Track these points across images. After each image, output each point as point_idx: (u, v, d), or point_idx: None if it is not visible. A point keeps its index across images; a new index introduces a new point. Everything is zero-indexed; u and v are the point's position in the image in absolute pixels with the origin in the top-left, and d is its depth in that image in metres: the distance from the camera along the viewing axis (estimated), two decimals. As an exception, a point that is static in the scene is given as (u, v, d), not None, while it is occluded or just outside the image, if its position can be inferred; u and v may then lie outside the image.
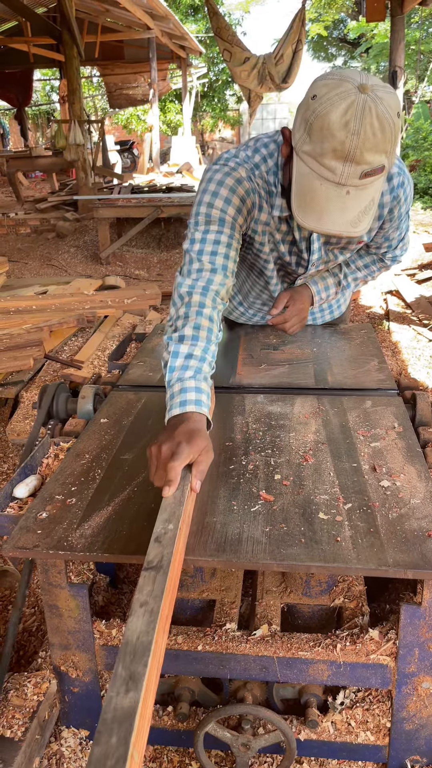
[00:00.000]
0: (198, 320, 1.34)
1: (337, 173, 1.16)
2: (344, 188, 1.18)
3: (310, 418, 1.48)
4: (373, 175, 1.17)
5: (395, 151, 1.19)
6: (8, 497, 1.27)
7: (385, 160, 1.17)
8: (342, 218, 1.21)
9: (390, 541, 1.05)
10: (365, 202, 1.20)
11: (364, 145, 1.13)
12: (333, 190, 1.18)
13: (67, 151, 8.53)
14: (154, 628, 0.78)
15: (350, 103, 1.12)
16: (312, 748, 1.32)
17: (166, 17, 10.76)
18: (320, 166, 1.18)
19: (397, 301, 4.99)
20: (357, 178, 1.16)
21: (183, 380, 1.24)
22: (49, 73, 19.55)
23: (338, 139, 1.13)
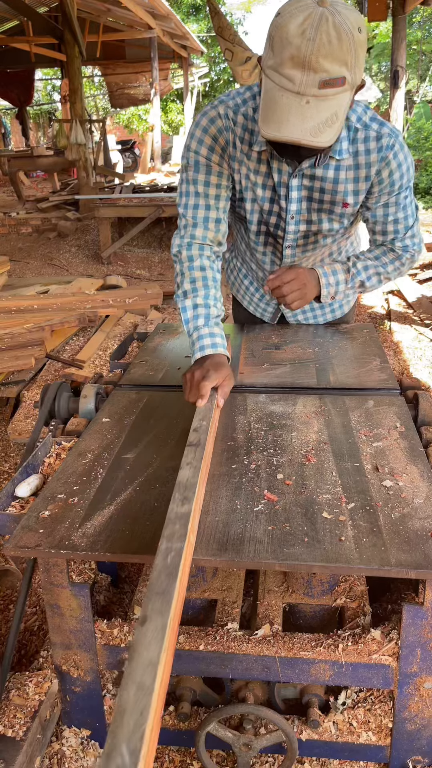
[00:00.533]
0: (192, 274, 1.54)
1: (296, 82, 1.18)
2: (304, 98, 1.20)
3: (312, 417, 1.48)
4: (334, 86, 1.19)
5: (358, 66, 1.22)
6: (10, 496, 1.27)
7: (345, 72, 1.19)
8: (301, 126, 1.22)
9: (392, 541, 1.04)
10: (326, 114, 1.22)
11: (319, 51, 1.15)
12: (293, 99, 1.20)
13: (69, 151, 8.53)
14: (197, 476, 1.09)
15: (308, 14, 1.17)
16: (313, 748, 1.32)
17: (168, 17, 10.77)
18: (281, 77, 1.20)
19: (398, 300, 4.99)
20: (316, 87, 1.18)
21: (198, 329, 1.51)
22: (50, 73, 19.56)
23: (294, 45, 1.16)
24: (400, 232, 1.64)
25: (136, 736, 0.62)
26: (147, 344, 2.02)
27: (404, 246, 1.68)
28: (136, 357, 1.91)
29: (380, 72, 17.10)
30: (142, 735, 0.62)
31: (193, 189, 1.55)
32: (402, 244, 1.67)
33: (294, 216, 1.61)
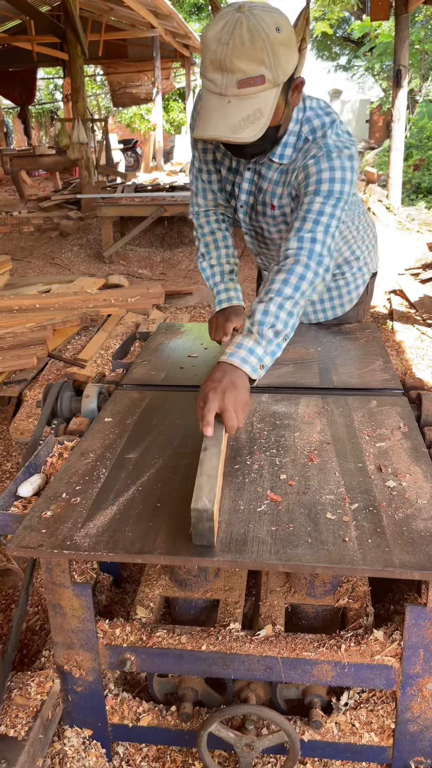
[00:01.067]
0: (204, 239, 1.80)
1: (218, 84, 1.28)
2: (225, 98, 1.29)
3: (314, 417, 1.47)
4: (252, 84, 1.27)
5: (279, 64, 1.28)
6: (12, 496, 1.26)
7: (264, 71, 1.27)
8: (223, 124, 1.30)
9: (396, 542, 1.04)
10: (248, 111, 1.29)
11: (233, 53, 1.24)
12: (216, 100, 1.30)
13: (71, 150, 8.52)
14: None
15: (226, 21, 1.27)
16: (316, 748, 1.32)
17: (170, 16, 10.76)
18: (207, 81, 1.31)
19: (400, 300, 4.98)
20: (235, 87, 1.27)
21: (216, 285, 1.77)
22: (52, 72, 19.56)
23: (212, 50, 1.27)
24: (301, 230, 1.44)
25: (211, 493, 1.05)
26: (149, 344, 2.02)
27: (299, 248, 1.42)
28: (139, 357, 1.91)
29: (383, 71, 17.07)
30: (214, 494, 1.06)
31: (194, 163, 1.77)
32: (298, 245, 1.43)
33: (243, 205, 1.71)
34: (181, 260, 7.00)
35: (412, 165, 10.90)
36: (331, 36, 18.86)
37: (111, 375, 1.82)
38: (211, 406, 1.21)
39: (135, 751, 1.41)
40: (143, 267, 6.89)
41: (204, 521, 1.03)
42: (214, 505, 1.04)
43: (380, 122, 17.91)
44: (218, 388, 1.23)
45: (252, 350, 1.31)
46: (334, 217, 1.44)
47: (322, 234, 1.42)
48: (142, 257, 7.15)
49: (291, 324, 1.38)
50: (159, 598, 1.41)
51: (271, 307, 1.35)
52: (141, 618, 1.34)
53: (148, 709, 1.36)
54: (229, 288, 1.75)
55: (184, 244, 7.40)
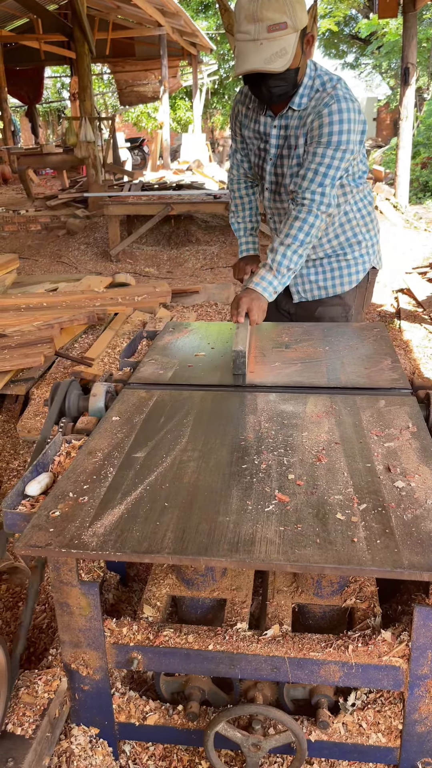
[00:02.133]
0: (235, 201, 2.27)
1: (251, 33, 1.66)
2: (258, 41, 1.66)
3: (322, 417, 1.47)
4: (278, 29, 1.65)
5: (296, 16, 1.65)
6: (20, 495, 1.27)
7: (286, 18, 1.64)
8: (257, 59, 1.68)
9: (405, 543, 1.04)
10: (276, 48, 1.67)
11: (262, 6, 1.63)
12: (251, 45, 1.67)
13: (78, 148, 8.53)
14: None
15: None
16: (323, 749, 1.31)
17: (177, 14, 10.74)
18: (242, 34, 1.68)
19: (408, 299, 4.96)
20: (265, 31, 1.65)
21: (239, 237, 2.29)
22: (59, 71, 19.56)
23: (245, 7, 1.66)
24: (314, 182, 1.81)
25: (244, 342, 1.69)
26: (156, 342, 2.02)
27: (311, 199, 1.81)
28: (146, 355, 1.91)
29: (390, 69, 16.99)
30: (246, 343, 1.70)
31: (232, 148, 2.19)
32: (310, 196, 1.81)
33: (271, 158, 1.98)
34: (187, 259, 7.00)
35: (420, 163, 10.86)
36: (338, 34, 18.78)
37: (118, 374, 1.82)
38: (243, 307, 1.82)
39: (141, 750, 1.41)
40: (150, 265, 6.89)
41: (240, 357, 1.65)
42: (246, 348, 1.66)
43: (388, 120, 17.85)
44: (248, 297, 1.84)
45: (271, 282, 1.85)
46: (339, 168, 1.81)
47: (329, 187, 1.81)
48: (149, 256, 7.15)
49: (300, 263, 1.87)
50: (166, 597, 1.41)
51: (288, 252, 1.83)
52: (148, 617, 1.34)
53: (155, 708, 1.36)
54: (249, 240, 2.27)
55: (190, 242, 7.40)
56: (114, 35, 12.13)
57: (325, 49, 21.02)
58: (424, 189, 10.18)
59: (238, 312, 1.82)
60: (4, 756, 1.21)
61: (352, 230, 2.06)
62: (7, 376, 3.23)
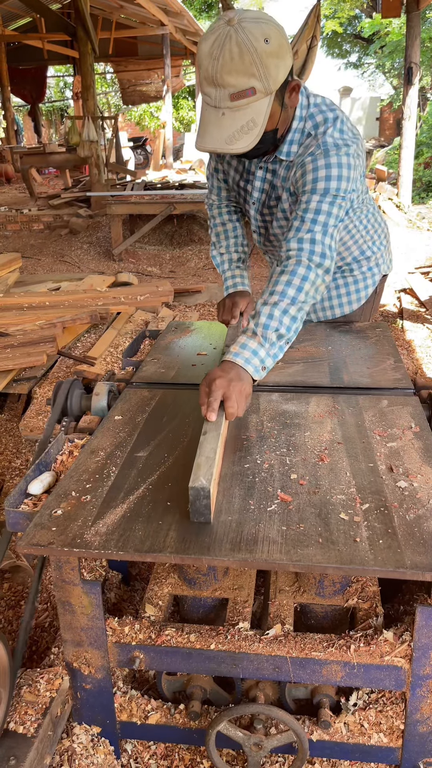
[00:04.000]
0: (216, 229, 1.93)
1: (212, 97, 1.35)
2: (219, 110, 1.36)
3: (325, 417, 1.47)
4: (244, 96, 1.33)
5: (270, 74, 1.33)
6: (23, 494, 1.27)
7: (255, 83, 1.32)
8: (217, 136, 1.38)
9: (408, 543, 1.04)
10: (241, 122, 1.36)
11: (223, 68, 1.30)
12: (212, 113, 1.37)
13: (81, 148, 8.53)
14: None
15: (216, 35, 1.32)
16: (324, 748, 1.31)
17: (180, 13, 10.75)
18: (204, 95, 1.38)
19: (410, 299, 4.95)
20: (228, 100, 1.34)
21: (224, 272, 1.90)
22: (62, 70, 19.57)
23: (204, 66, 1.33)
24: (300, 231, 1.47)
25: (208, 473, 1.11)
26: (159, 342, 2.02)
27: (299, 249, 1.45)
28: (148, 355, 1.91)
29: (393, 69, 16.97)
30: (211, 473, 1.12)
31: (210, 162, 1.88)
32: (297, 246, 1.45)
33: (255, 202, 1.76)
34: (190, 258, 7.00)
35: (423, 163, 10.84)
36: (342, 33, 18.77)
37: (121, 373, 1.82)
38: (217, 394, 1.29)
39: (143, 749, 1.41)
40: (152, 265, 6.89)
41: (201, 498, 1.10)
42: (210, 483, 1.10)
43: (391, 120, 17.82)
44: (225, 378, 1.31)
45: (255, 352, 1.37)
46: (332, 216, 1.47)
47: (321, 234, 1.45)
48: (152, 255, 7.16)
49: (294, 328, 1.42)
50: (168, 597, 1.41)
51: (276, 312, 1.39)
52: (150, 616, 1.34)
53: (157, 707, 1.36)
54: (236, 275, 1.89)
55: (193, 242, 7.40)
56: (117, 34, 12.14)
57: (328, 49, 21.01)
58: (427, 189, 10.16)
59: (209, 402, 1.27)
60: (6, 754, 1.21)
61: (359, 248, 1.87)
62: (10, 375, 3.24)
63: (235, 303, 1.82)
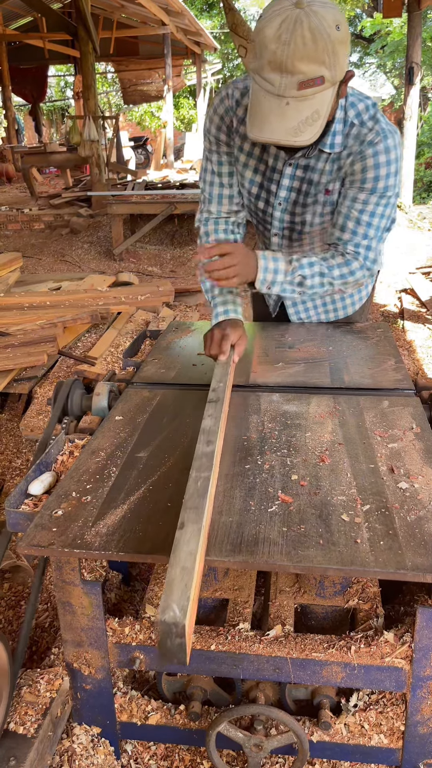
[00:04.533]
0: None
1: (276, 84, 1.24)
2: (284, 99, 1.25)
3: (326, 417, 1.47)
4: (312, 85, 1.23)
5: (337, 63, 1.25)
6: (23, 494, 1.27)
7: (324, 71, 1.23)
8: (281, 127, 1.27)
9: (408, 544, 1.03)
10: (306, 113, 1.26)
11: (294, 54, 1.20)
12: (274, 101, 1.25)
13: (82, 147, 8.53)
14: (218, 424, 1.26)
15: (285, 17, 1.21)
16: (324, 749, 1.31)
17: (182, 13, 10.74)
18: (262, 80, 1.26)
19: (411, 299, 4.95)
20: (295, 88, 1.23)
21: (214, 298, 1.68)
22: (63, 69, 19.56)
23: (271, 50, 1.21)
24: (357, 235, 1.56)
25: (183, 597, 0.83)
26: (160, 342, 2.02)
27: (356, 252, 1.59)
28: (149, 355, 1.91)
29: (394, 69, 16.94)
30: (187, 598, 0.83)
31: (209, 166, 1.66)
32: (354, 249, 1.58)
33: (281, 203, 1.64)
34: (191, 258, 6.99)
35: (424, 163, 10.84)
36: (343, 33, 18.71)
37: (122, 373, 1.81)
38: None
39: (143, 750, 1.41)
40: (153, 265, 6.89)
41: (173, 637, 0.79)
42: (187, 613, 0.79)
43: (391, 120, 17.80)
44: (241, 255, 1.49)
45: (277, 270, 1.55)
46: (387, 218, 1.55)
47: (376, 241, 1.57)
48: (152, 255, 7.16)
49: (312, 293, 1.61)
50: (168, 597, 1.40)
51: (315, 271, 1.56)
52: (150, 617, 1.34)
53: (157, 707, 1.36)
54: (228, 300, 1.66)
55: (194, 242, 7.39)
56: (118, 34, 12.14)
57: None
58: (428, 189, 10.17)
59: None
60: (6, 755, 1.21)
61: None
62: (11, 374, 3.24)
63: (225, 336, 1.57)
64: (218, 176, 1.67)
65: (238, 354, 1.61)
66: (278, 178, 1.60)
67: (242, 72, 17.68)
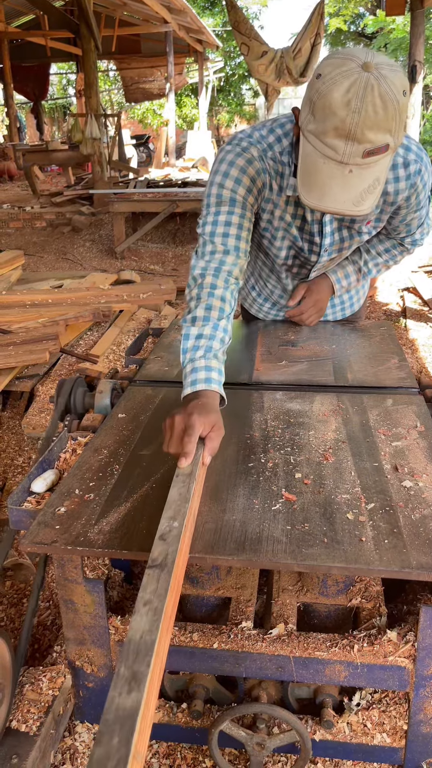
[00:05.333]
0: (209, 301, 1.38)
1: (339, 152, 1.16)
2: (347, 167, 1.18)
3: (329, 415, 1.46)
4: (377, 153, 1.17)
5: (401, 129, 1.18)
6: (26, 492, 1.26)
7: (389, 139, 1.16)
8: (344, 196, 1.21)
9: (413, 543, 1.03)
10: (368, 181, 1.20)
11: (365, 123, 1.12)
12: (335, 168, 1.18)
13: (84, 145, 8.53)
14: (158, 627, 0.77)
15: (353, 81, 1.12)
16: (327, 748, 1.31)
17: (184, 11, 10.74)
18: (323, 145, 1.18)
19: (414, 298, 4.94)
20: (359, 156, 1.16)
21: (194, 360, 1.31)
22: (65, 67, 19.56)
23: (339, 117, 1.13)
24: (412, 230, 1.71)
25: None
26: (162, 340, 2.02)
27: (413, 240, 1.77)
28: (152, 353, 1.90)
29: (397, 67, 16.90)
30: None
31: (226, 219, 1.47)
32: (411, 239, 1.76)
33: (327, 249, 1.66)
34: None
35: (426, 162, 10.81)
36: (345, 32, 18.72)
37: (124, 371, 1.81)
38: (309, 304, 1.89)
39: (145, 748, 1.41)
40: (155, 263, 6.89)
41: None
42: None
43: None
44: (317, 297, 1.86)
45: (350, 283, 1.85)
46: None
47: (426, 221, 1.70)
48: (154, 253, 7.15)
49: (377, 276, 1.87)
50: (171, 595, 1.40)
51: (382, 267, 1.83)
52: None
53: (159, 706, 1.36)
54: (211, 367, 1.30)
55: (195, 240, 7.38)
56: (120, 32, 12.13)
57: (331, 47, 20.95)
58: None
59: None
60: (8, 753, 1.21)
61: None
62: (12, 372, 3.23)
63: (191, 426, 1.15)
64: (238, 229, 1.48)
65: (209, 452, 1.18)
66: (320, 228, 1.59)
67: (244, 70, 17.66)
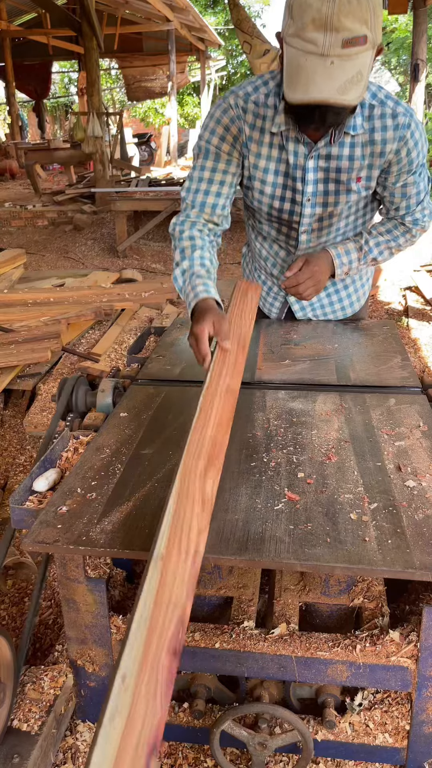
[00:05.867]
0: (182, 244, 1.60)
1: (319, 44, 1.22)
2: (328, 59, 1.22)
3: (332, 415, 1.46)
4: (356, 44, 1.22)
5: (378, 26, 1.24)
6: (28, 491, 1.26)
7: (366, 31, 1.21)
8: (328, 86, 1.25)
9: (416, 543, 1.03)
10: (351, 73, 1.24)
11: (340, 10, 1.19)
12: (318, 61, 1.23)
13: (86, 144, 8.52)
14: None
15: None
16: (329, 748, 1.31)
17: (186, 9, 10.72)
18: (304, 42, 1.23)
19: (416, 297, 4.93)
20: (339, 47, 1.21)
21: (183, 290, 1.54)
22: (67, 66, 19.56)
23: (315, 7, 1.20)
24: (411, 206, 1.69)
25: None
26: (164, 339, 2.01)
27: (414, 220, 1.73)
28: (154, 351, 1.90)
29: (399, 65, 16.90)
30: None
31: (198, 174, 1.62)
32: (412, 218, 1.72)
33: (310, 198, 1.63)
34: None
35: (428, 160, 10.79)
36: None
37: (126, 370, 1.81)
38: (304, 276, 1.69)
39: (147, 747, 1.41)
40: (157, 261, 6.88)
41: None
42: None
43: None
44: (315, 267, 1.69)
45: (351, 261, 1.73)
46: (428, 178, 1.68)
47: (427, 200, 1.70)
48: (156, 252, 7.15)
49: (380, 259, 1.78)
50: (173, 595, 1.40)
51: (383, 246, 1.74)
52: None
53: (161, 705, 1.35)
54: (197, 284, 1.49)
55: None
56: (122, 30, 12.10)
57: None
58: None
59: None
60: (10, 752, 1.21)
61: None
62: (14, 371, 3.23)
63: (195, 335, 1.38)
64: (208, 183, 1.62)
65: (222, 337, 1.39)
66: (302, 174, 1.59)
67: (246, 68, 17.64)
